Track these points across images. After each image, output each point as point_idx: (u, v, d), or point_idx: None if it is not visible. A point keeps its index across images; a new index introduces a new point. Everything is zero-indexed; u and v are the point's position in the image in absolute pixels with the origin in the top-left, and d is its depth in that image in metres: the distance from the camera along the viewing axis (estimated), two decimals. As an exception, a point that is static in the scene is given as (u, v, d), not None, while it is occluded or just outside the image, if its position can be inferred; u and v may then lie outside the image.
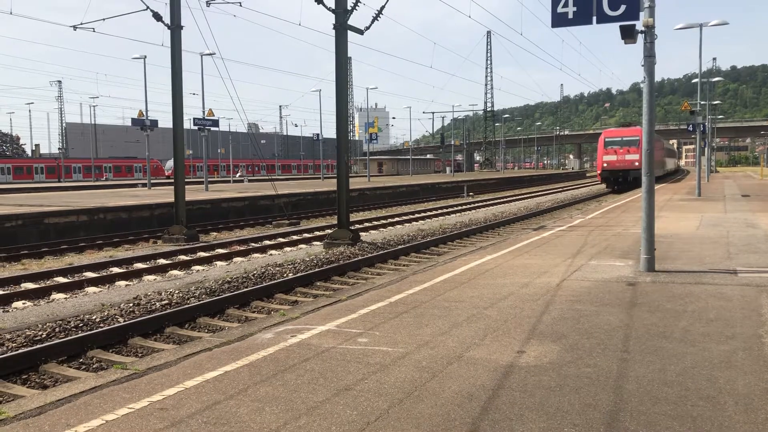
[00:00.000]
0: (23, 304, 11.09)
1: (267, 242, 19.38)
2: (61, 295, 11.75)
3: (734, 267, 10.14)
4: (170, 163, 70.29)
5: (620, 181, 43.45)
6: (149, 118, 43.90)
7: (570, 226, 17.08)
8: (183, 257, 16.52)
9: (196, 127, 40.69)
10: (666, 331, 6.46)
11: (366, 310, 7.66)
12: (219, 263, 15.56)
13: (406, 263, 14.91)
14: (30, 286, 12.57)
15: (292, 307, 9.68)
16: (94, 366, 7.76)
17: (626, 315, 7.16)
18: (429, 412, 4.45)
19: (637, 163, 40.20)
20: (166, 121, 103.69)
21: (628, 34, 9.57)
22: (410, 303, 8.05)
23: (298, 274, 12.69)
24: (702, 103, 40.28)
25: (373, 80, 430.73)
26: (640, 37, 9.71)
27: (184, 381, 5.19)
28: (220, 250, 17.59)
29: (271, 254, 17.10)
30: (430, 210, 31.15)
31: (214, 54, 24.72)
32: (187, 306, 10.00)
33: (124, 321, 9.40)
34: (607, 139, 44.57)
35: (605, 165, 43.67)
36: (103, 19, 21.14)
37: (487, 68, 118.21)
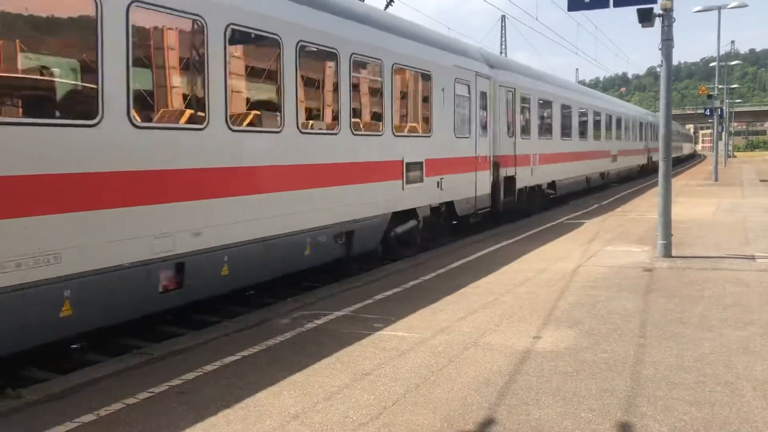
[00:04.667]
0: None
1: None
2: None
3: (752, 252, 10.05)
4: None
5: None
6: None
7: (584, 212, 17.00)
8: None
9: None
10: (683, 316, 6.44)
11: (381, 296, 7.69)
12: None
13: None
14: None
15: (308, 292, 9.73)
16: (114, 351, 7.85)
17: (643, 301, 7.13)
18: (445, 397, 4.48)
19: None
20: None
21: (645, 18, 9.46)
22: (426, 289, 8.07)
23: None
24: (719, 86, 39.54)
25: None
26: (658, 21, 9.60)
27: (203, 366, 5.25)
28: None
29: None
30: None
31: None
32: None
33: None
34: None
35: None
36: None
37: (501, 53, 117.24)
